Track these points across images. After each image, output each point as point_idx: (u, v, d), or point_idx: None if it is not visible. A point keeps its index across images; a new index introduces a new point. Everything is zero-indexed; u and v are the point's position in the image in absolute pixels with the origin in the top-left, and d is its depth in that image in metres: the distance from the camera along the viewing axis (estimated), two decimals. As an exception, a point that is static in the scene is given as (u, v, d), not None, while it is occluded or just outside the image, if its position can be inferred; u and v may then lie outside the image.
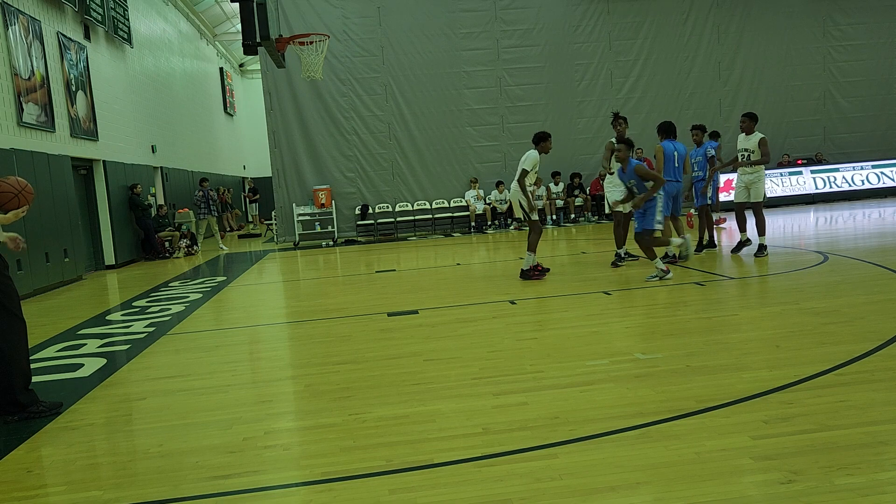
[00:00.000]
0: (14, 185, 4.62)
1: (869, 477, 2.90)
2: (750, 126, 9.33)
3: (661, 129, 9.31)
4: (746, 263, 8.92)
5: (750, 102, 19.29)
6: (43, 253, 11.15)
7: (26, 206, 4.67)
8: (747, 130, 9.34)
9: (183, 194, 20.20)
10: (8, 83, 10.82)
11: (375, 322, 6.91)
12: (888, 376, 4.13)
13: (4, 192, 4.57)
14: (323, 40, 12.87)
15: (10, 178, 4.72)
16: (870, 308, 5.94)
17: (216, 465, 3.52)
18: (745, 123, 9.39)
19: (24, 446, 4.02)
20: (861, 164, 18.54)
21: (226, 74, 29.76)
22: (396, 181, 18.20)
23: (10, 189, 4.59)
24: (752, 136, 9.26)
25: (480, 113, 18.36)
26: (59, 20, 13.02)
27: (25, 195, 4.65)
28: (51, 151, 11.97)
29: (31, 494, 3.36)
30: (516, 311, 6.95)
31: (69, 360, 6.13)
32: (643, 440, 3.44)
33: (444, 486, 3.10)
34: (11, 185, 4.61)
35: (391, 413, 4.10)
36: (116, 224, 14.76)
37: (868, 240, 10.95)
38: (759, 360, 4.65)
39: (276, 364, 5.81)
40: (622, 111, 18.86)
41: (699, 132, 10.20)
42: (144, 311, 8.60)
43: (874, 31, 19.58)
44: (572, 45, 18.61)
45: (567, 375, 4.59)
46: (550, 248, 13.01)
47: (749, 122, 9.36)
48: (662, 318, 6.17)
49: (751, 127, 9.33)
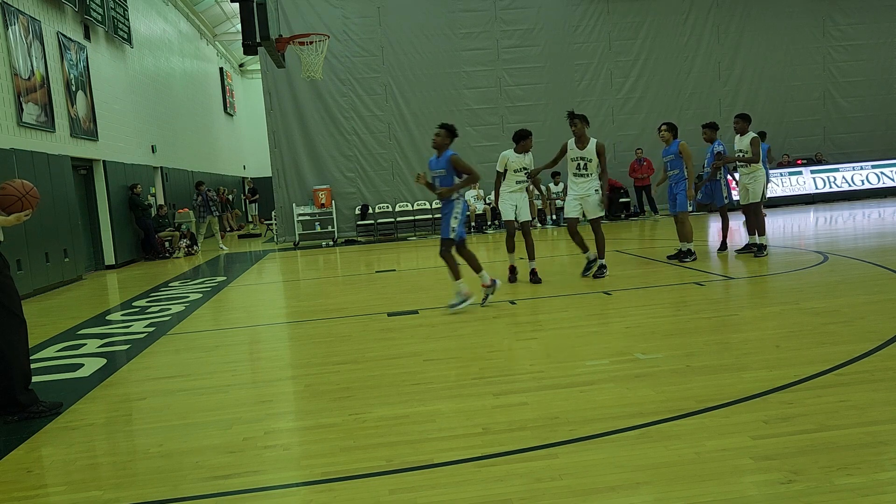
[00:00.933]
0: (18, 189, 4.60)
1: (869, 477, 2.90)
2: (743, 127, 9.40)
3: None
4: (746, 263, 8.92)
5: (750, 102, 19.30)
6: (43, 253, 11.15)
7: (30, 210, 4.65)
8: (741, 131, 9.41)
9: (183, 194, 20.20)
10: (8, 83, 10.82)
11: (375, 322, 6.90)
12: (888, 376, 4.13)
13: (8, 196, 4.56)
14: (323, 40, 12.87)
15: (16, 181, 4.70)
16: (870, 308, 5.94)
17: (216, 465, 3.52)
18: (738, 124, 9.46)
19: (24, 446, 4.02)
20: (861, 164, 18.54)
21: (226, 74, 29.76)
22: (396, 181, 18.20)
23: (15, 193, 4.57)
24: (745, 137, 9.34)
25: (480, 113, 18.36)
26: (59, 20, 13.02)
27: (30, 199, 4.62)
28: (51, 151, 11.97)
29: (31, 494, 3.35)
30: (516, 311, 6.95)
31: (69, 360, 6.13)
32: (643, 440, 3.44)
33: (444, 486, 3.10)
34: (16, 189, 4.60)
35: (391, 413, 4.10)
36: (116, 224, 14.76)
37: (868, 240, 10.95)
38: (759, 360, 4.65)
39: (276, 364, 5.81)
40: (622, 111, 19.08)
41: (710, 130, 9.96)
42: (144, 311, 8.60)
43: (874, 31, 19.59)
44: (572, 45, 18.61)
45: (567, 375, 4.59)
46: (550, 247, 13.02)
47: (742, 123, 9.42)
48: (662, 318, 6.17)
49: (744, 128, 9.41)
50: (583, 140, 8.13)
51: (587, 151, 8.13)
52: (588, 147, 8.12)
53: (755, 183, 9.32)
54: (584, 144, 8.14)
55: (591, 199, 8.23)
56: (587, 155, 8.14)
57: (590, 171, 8.22)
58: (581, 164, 8.23)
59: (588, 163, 8.18)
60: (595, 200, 8.22)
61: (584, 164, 8.20)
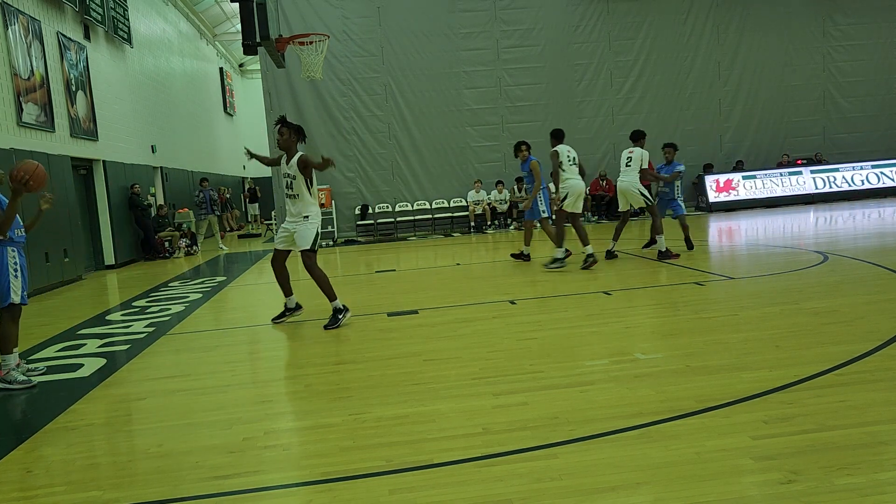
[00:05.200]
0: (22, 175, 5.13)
1: (869, 477, 2.90)
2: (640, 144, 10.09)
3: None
4: (746, 264, 8.92)
5: (750, 102, 19.33)
6: (43, 253, 11.15)
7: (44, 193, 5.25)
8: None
9: (183, 194, 20.19)
10: (8, 83, 10.82)
11: (375, 322, 6.90)
12: (888, 376, 4.13)
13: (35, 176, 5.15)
14: (323, 40, 12.86)
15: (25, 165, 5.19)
16: (870, 308, 5.94)
17: (216, 465, 3.52)
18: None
19: (24, 446, 4.02)
20: (861, 164, 18.54)
21: (226, 74, 29.76)
22: (396, 181, 18.20)
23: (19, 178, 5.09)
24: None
25: (480, 113, 18.36)
26: (58, 20, 13.02)
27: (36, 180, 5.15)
28: (51, 151, 11.96)
29: (31, 494, 3.35)
30: (516, 311, 6.95)
31: (69, 360, 6.13)
32: (643, 440, 3.44)
33: (444, 486, 3.10)
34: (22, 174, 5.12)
35: (391, 413, 4.10)
36: (116, 224, 14.76)
37: (868, 240, 10.95)
38: (759, 360, 4.65)
39: (275, 364, 5.82)
40: (622, 111, 19.07)
41: (671, 150, 10.59)
42: (144, 311, 8.60)
43: (874, 31, 19.58)
44: (572, 45, 18.61)
45: (567, 375, 4.59)
46: (551, 248, 13.01)
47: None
48: (662, 318, 6.17)
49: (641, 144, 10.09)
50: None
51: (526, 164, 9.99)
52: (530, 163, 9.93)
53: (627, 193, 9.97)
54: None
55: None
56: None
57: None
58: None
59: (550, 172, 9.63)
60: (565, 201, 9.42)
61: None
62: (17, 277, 5.27)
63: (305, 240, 6.66)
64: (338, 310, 6.70)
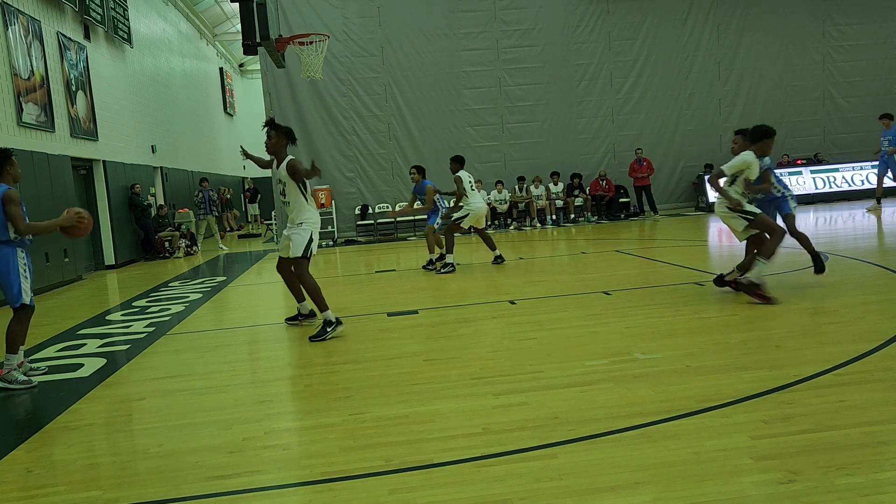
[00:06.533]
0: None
1: (869, 477, 2.90)
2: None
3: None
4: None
5: (750, 102, 19.31)
6: (43, 253, 11.15)
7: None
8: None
9: (183, 194, 20.20)
10: (7, 83, 10.82)
11: (375, 322, 6.91)
12: (887, 376, 4.13)
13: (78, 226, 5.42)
14: (323, 40, 12.87)
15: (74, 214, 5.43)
16: (870, 308, 5.94)
17: (216, 465, 3.52)
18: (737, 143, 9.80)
19: (24, 446, 4.02)
20: (861, 164, 18.53)
21: (226, 74, 29.76)
22: (396, 181, 18.19)
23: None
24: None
25: (480, 113, 18.35)
26: (58, 20, 13.02)
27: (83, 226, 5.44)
28: (51, 151, 11.97)
29: (31, 494, 3.35)
30: (516, 311, 6.95)
31: (69, 360, 6.13)
32: (643, 440, 3.44)
33: (444, 486, 3.10)
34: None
35: (391, 413, 4.10)
36: (116, 224, 14.77)
37: (868, 240, 10.95)
38: (759, 360, 4.65)
39: (275, 364, 5.82)
40: (622, 111, 19.06)
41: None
42: (144, 311, 8.60)
43: (874, 31, 19.58)
44: (572, 45, 18.61)
45: (567, 375, 4.59)
46: (550, 247, 13.02)
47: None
48: (662, 318, 6.17)
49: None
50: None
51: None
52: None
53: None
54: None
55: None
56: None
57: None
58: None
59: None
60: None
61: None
62: (26, 279, 5.31)
63: (297, 247, 6.48)
64: (328, 322, 6.25)
